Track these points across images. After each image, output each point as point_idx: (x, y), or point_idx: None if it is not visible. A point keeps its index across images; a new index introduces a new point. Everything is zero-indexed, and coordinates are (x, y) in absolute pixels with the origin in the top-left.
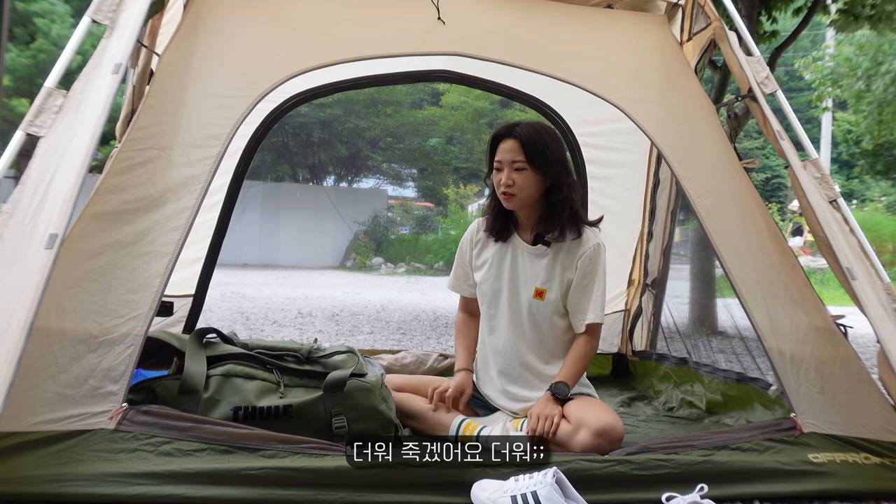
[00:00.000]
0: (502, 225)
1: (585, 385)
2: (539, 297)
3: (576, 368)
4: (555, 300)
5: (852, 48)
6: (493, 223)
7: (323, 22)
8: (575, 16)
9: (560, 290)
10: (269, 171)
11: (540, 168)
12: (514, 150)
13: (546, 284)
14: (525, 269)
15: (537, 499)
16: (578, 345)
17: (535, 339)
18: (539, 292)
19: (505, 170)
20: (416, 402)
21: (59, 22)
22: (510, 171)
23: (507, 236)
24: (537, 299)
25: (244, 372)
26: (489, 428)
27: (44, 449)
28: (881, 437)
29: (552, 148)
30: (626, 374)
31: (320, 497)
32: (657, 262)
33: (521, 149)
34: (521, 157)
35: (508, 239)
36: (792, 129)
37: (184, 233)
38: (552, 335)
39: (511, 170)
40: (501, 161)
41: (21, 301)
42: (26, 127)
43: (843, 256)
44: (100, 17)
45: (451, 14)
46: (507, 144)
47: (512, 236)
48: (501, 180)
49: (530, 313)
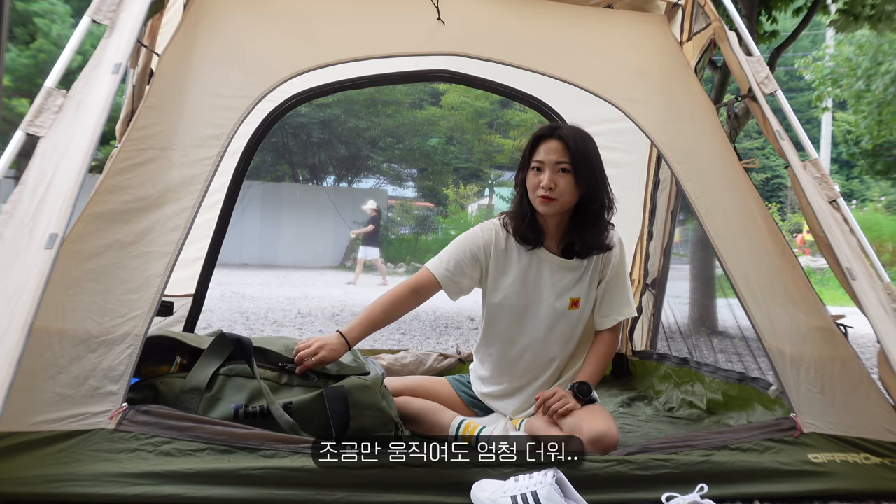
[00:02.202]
0: (535, 232)
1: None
2: (575, 307)
3: (598, 367)
4: (586, 308)
5: (852, 48)
6: (524, 229)
7: (323, 22)
8: (575, 16)
9: (592, 297)
10: (268, 170)
11: (582, 173)
12: (559, 151)
13: (579, 293)
14: (554, 281)
15: (537, 499)
16: (603, 342)
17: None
18: (574, 302)
19: (547, 171)
20: (413, 405)
21: (59, 22)
22: (553, 173)
23: (537, 245)
24: (573, 309)
25: (245, 371)
26: (489, 428)
27: (44, 449)
28: (881, 437)
29: (595, 154)
30: (626, 375)
31: (320, 497)
32: (657, 262)
33: (566, 150)
34: (567, 158)
35: (534, 249)
36: (792, 129)
37: (184, 233)
38: (582, 340)
39: (554, 171)
40: (544, 162)
41: (21, 301)
42: (26, 127)
43: (843, 256)
44: (100, 17)
45: (451, 14)
46: (552, 145)
47: (538, 246)
48: (542, 182)
49: (561, 324)
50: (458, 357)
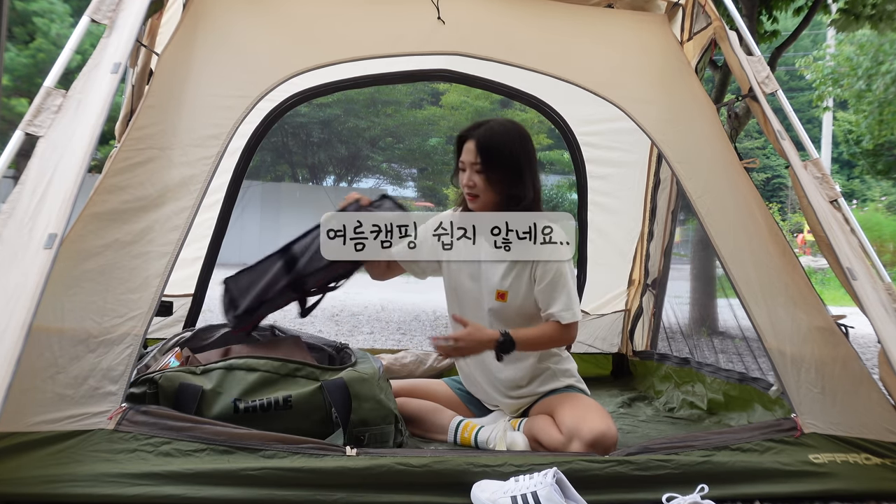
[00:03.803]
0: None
1: (575, 378)
2: (501, 300)
3: (533, 334)
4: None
5: (853, 48)
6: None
7: (323, 21)
8: (575, 15)
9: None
10: (268, 170)
11: (494, 172)
12: (472, 151)
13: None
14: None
15: (537, 499)
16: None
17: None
18: (500, 294)
19: (467, 171)
20: (412, 405)
21: (58, 21)
22: (471, 173)
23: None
24: (500, 301)
25: (245, 364)
26: (488, 428)
27: (43, 449)
28: (882, 437)
29: (512, 150)
30: (627, 375)
31: (320, 497)
32: (658, 262)
33: (477, 151)
34: (478, 159)
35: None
36: (792, 128)
37: (183, 233)
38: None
39: (472, 171)
40: (464, 161)
41: (20, 301)
42: (25, 127)
43: (844, 256)
44: (99, 17)
45: (451, 14)
46: (469, 145)
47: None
48: (463, 181)
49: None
50: None
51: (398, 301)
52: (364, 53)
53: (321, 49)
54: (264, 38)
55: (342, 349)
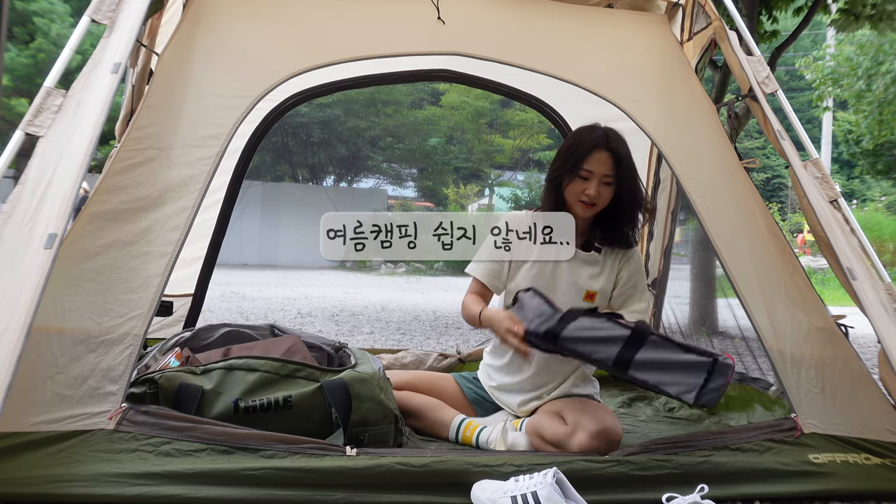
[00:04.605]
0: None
1: (591, 384)
2: (590, 300)
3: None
4: (603, 302)
5: (853, 48)
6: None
7: (323, 21)
8: (575, 15)
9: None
10: (268, 170)
11: (625, 185)
12: (608, 164)
13: (596, 287)
14: (571, 273)
15: (537, 499)
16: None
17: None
18: (590, 295)
19: (594, 181)
20: (414, 400)
21: (58, 21)
22: (599, 185)
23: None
24: (587, 301)
25: (246, 364)
26: (489, 428)
27: (43, 449)
28: (882, 437)
29: (632, 159)
30: None
31: (320, 497)
32: (658, 262)
33: (613, 164)
34: (613, 172)
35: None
36: (792, 128)
37: (183, 232)
38: None
39: (600, 183)
40: (593, 172)
41: (20, 301)
42: (25, 126)
43: (844, 256)
44: (99, 17)
45: (451, 14)
46: (603, 157)
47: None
48: (588, 191)
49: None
50: (458, 357)
51: (398, 301)
52: (364, 53)
53: (321, 49)
54: (264, 38)
55: (341, 348)
